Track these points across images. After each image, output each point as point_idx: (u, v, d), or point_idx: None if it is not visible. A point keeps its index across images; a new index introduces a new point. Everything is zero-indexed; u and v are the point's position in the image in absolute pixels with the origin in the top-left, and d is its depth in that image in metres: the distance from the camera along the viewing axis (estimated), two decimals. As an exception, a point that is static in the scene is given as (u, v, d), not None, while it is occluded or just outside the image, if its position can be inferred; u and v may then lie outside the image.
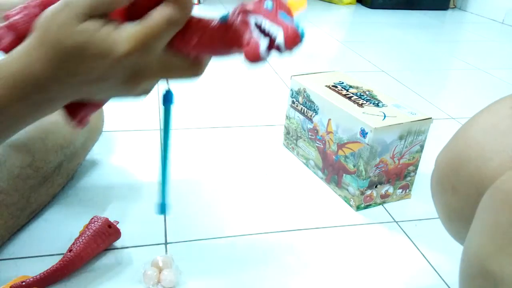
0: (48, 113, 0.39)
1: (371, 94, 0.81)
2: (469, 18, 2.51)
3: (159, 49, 0.35)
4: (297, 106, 0.87)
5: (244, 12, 0.34)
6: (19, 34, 0.43)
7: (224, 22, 0.35)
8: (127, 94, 0.39)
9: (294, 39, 0.32)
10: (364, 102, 0.78)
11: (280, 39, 0.32)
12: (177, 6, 0.34)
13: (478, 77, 1.51)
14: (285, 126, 0.93)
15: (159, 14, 0.34)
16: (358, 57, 1.62)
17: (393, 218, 0.75)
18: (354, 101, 0.78)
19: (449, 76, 1.55)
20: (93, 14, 0.34)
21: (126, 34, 0.34)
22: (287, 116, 0.91)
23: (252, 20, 0.34)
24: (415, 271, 0.65)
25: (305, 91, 0.83)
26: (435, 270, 0.65)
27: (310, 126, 0.84)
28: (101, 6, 0.34)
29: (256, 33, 0.33)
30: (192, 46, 0.36)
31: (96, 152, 0.87)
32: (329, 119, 0.78)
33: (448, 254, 0.67)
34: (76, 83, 0.36)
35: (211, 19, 0.36)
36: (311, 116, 0.83)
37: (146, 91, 0.39)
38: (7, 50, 0.43)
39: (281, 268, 0.63)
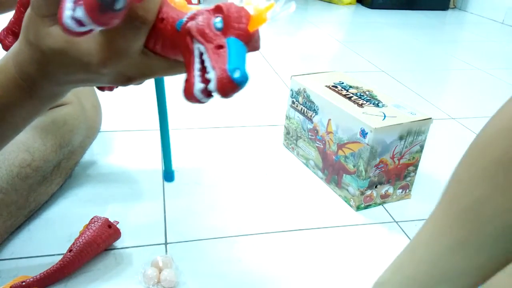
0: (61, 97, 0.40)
1: (371, 94, 0.81)
2: (469, 18, 2.51)
3: (133, 54, 0.33)
4: (297, 106, 0.87)
5: (193, 19, 0.29)
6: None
7: (178, 30, 0.30)
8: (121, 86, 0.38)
9: (226, 88, 0.27)
10: (364, 102, 0.78)
11: (212, 85, 0.27)
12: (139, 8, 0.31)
13: (478, 77, 1.51)
14: (285, 126, 0.93)
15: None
16: (358, 57, 1.62)
17: (393, 218, 0.75)
18: (354, 101, 0.78)
19: (449, 76, 1.54)
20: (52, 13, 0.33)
21: (95, 43, 0.33)
22: (287, 116, 0.91)
23: (196, 48, 0.29)
24: (415, 271, 0.64)
25: (305, 91, 0.83)
26: (435, 270, 0.65)
27: (310, 126, 0.84)
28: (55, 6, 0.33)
29: (196, 68, 0.28)
30: (160, 50, 0.33)
31: (96, 152, 0.87)
32: (329, 119, 0.78)
33: (448, 254, 0.67)
34: (69, 83, 0.37)
35: (175, 19, 0.31)
36: (311, 116, 0.83)
37: (139, 83, 0.38)
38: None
39: (281, 268, 0.63)
